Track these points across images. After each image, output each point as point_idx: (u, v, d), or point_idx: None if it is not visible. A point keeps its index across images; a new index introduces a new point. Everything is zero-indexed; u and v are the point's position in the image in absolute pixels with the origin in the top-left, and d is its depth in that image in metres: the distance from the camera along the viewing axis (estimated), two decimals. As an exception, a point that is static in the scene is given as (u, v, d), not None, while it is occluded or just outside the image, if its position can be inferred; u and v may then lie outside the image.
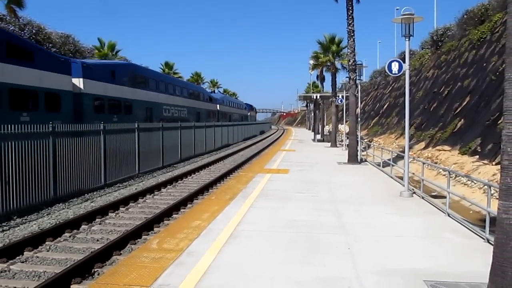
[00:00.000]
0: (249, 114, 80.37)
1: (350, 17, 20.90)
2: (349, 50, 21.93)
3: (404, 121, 12.68)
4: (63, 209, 12.44)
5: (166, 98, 31.11)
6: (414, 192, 11.90)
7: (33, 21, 32.77)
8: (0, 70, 13.96)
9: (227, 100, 61.75)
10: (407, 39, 11.78)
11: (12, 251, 8.24)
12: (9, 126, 11.07)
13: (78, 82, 19.13)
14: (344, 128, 36.19)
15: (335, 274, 5.80)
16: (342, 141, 34.10)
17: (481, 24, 29.97)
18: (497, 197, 4.83)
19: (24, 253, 8.42)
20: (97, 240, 9.38)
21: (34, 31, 32.11)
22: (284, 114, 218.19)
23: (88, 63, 21.12)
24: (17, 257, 8.18)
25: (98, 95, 20.81)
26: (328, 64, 35.81)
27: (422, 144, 26.73)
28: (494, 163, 16.59)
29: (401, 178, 13.62)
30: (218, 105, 50.62)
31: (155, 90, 29.05)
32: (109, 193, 15.09)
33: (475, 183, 15.90)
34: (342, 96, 33.49)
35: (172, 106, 32.55)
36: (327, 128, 51.73)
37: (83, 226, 10.47)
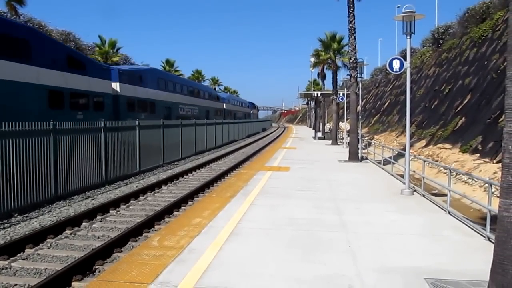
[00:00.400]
0: (251, 112, 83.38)
1: (351, 15, 20.88)
2: (350, 48, 21.92)
3: (405, 119, 12.67)
4: (64, 206, 12.45)
5: (181, 98, 35.25)
6: (415, 190, 11.90)
7: (34, 19, 32.81)
8: (64, 78, 17.46)
9: (233, 99, 67.36)
10: (408, 37, 11.76)
11: (13, 248, 8.25)
12: (10, 123, 11.08)
13: (116, 86, 22.86)
14: (345, 126, 36.19)
15: (336, 272, 5.80)
16: (343, 139, 34.09)
17: (482, 22, 29.90)
18: (498, 195, 4.83)
19: (25, 250, 8.43)
20: (98, 238, 9.39)
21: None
22: (285, 111, 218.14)
23: (123, 70, 24.97)
24: (18, 254, 8.19)
25: (131, 96, 24.76)
26: (329, 61, 35.85)
27: (423, 142, 26.70)
28: (495, 161, 16.58)
29: (402, 176, 13.63)
30: (224, 104, 54.90)
31: (173, 92, 33.30)
32: (110, 190, 15.10)
33: (476, 181, 15.89)
34: (343, 94, 33.48)
35: (187, 105, 36.73)
36: (328, 126, 51.69)
37: (84, 224, 10.48)
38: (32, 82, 15.34)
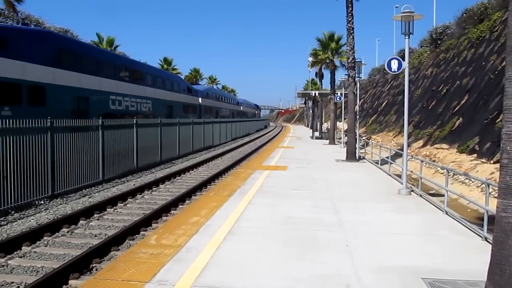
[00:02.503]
0: (256, 112, 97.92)
1: (350, 14, 20.88)
2: (348, 48, 21.91)
3: (403, 119, 12.69)
4: (61, 204, 12.42)
5: (224, 105, 54.16)
6: (412, 190, 11.91)
7: (32, 16, 32.67)
8: (187, 98, 36.33)
9: (246, 103, 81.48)
10: (406, 37, 11.77)
11: (10, 246, 8.23)
12: (7, 120, 11.03)
13: (200, 100, 40.85)
14: (342, 125, 36.20)
15: (333, 271, 5.81)
16: (340, 138, 34.12)
17: (480, 23, 29.96)
18: (495, 195, 4.83)
19: (22, 248, 8.40)
20: (95, 236, 9.37)
21: (32, 26, 31.94)
22: (283, 111, 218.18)
23: (201, 90, 43.24)
24: (15, 252, 8.18)
25: (206, 105, 43.29)
26: (327, 61, 35.80)
27: (420, 142, 26.76)
28: (492, 161, 16.62)
29: (399, 176, 13.65)
30: (241, 107, 71.39)
31: (219, 101, 53.13)
32: (107, 188, 15.08)
33: (473, 182, 15.93)
34: (341, 94, 33.51)
35: (225, 109, 56.83)
36: (325, 126, 51.66)
37: (81, 222, 10.46)
38: (180, 101, 33.95)
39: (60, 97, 17.00)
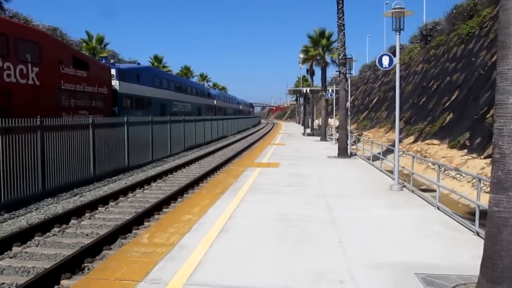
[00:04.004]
0: (251, 110, 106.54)
1: (341, 11, 20.87)
2: (339, 44, 21.91)
3: (394, 115, 12.72)
4: (52, 203, 12.31)
5: (225, 104, 62.67)
6: (404, 186, 11.97)
7: (20, 14, 32.34)
8: (207, 101, 49.48)
9: (243, 102, 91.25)
10: (397, 33, 11.78)
11: (0, 247, 8.13)
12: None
13: (214, 101, 53.48)
14: (333, 122, 36.28)
15: (327, 268, 5.81)
16: (331, 135, 34.18)
17: (470, 19, 30.15)
18: (486, 190, 4.86)
19: (13, 248, 8.32)
20: (87, 235, 9.30)
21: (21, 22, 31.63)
22: (274, 108, 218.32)
23: (215, 93, 57.76)
24: (6, 253, 8.09)
25: (220, 106, 57.82)
26: (318, 58, 35.84)
27: (411, 138, 26.90)
28: (482, 157, 16.74)
29: (391, 172, 13.69)
30: (240, 106, 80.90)
31: (224, 101, 59.34)
32: (98, 187, 14.98)
33: (464, 177, 16.04)
34: (332, 90, 33.57)
35: (227, 107, 65.38)
36: (316, 122, 51.74)
37: (72, 221, 10.37)
38: (204, 103, 46.17)
39: (155, 104, 29.77)
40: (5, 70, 13.70)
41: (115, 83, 23.49)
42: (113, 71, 23.28)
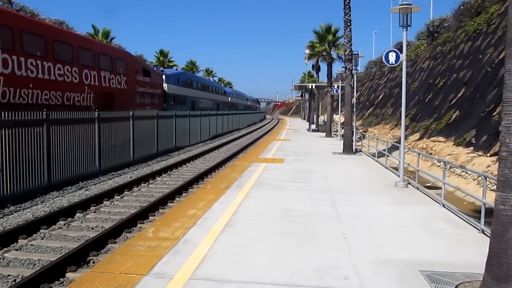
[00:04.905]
0: (257, 106, 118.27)
1: (347, 6, 20.78)
2: (345, 40, 21.82)
3: (399, 112, 12.67)
4: (57, 197, 12.38)
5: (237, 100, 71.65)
6: (409, 183, 11.93)
7: (27, 7, 32.38)
8: (223, 98, 58.88)
9: (251, 99, 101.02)
10: (404, 29, 11.72)
11: (6, 239, 8.19)
12: (3, 113, 10.97)
13: (229, 99, 61.72)
14: (339, 118, 36.20)
15: (331, 263, 5.81)
16: (337, 131, 34.13)
17: (477, 16, 29.90)
18: (492, 188, 4.84)
19: (19, 241, 8.37)
20: (92, 228, 9.35)
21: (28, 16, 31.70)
22: (279, 103, 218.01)
23: (230, 91, 66.66)
24: (12, 245, 8.14)
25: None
26: (324, 54, 35.77)
27: (417, 135, 26.79)
28: (488, 154, 16.66)
29: (396, 168, 13.66)
30: (249, 102, 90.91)
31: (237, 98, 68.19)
32: (104, 181, 15.03)
33: (469, 174, 15.97)
34: (338, 86, 33.47)
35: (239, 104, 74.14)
36: (322, 118, 51.68)
37: (77, 214, 10.43)
38: (221, 100, 54.81)
39: (188, 101, 38.79)
40: (111, 79, 21.12)
41: (164, 85, 31.54)
42: (163, 76, 31.96)
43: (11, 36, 13.88)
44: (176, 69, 44.48)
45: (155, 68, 33.07)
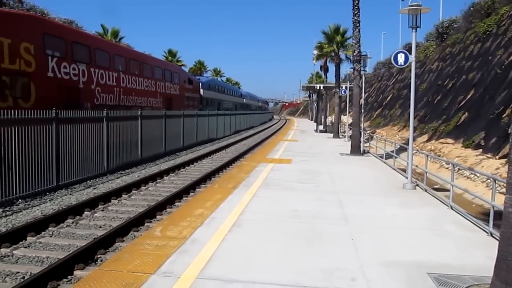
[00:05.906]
0: (266, 106, 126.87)
1: (356, 7, 20.72)
2: (354, 41, 21.76)
3: (407, 113, 12.62)
4: (66, 195, 12.46)
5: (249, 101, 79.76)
6: (417, 185, 11.88)
7: (37, 6, 32.61)
8: (239, 99, 69.21)
9: (262, 100, 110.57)
10: (414, 30, 11.67)
11: (15, 236, 8.27)
12: (11, 111, 11.05)
13: (244, 100, 74.11)
14: (347, 119, 36.12)
15: (338, 265, 5.80)
16: (344, 132, 34.03)
17: (487, 17, 29.69)
18: (501, 191, 4.80)
19: (27, 238, 8.44)
20: (100, 227, 9.40)
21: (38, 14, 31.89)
22: (287, 104, 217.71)
23: (245, 94, 75.64)
24: (20, 242, 8.21)
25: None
26: (332, 54, 35.69)
27: (425, 137, 26.64)
28: (497, 157, 16.53)
29: (404, 170, 13.61)
30: (260, 103, 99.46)
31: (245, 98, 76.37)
32: (111, 180, 15.11)
33: (478, 177, 15.87)
34: (346, 87, 33.37)
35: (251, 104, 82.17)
36: (329, 119, 51.52)
37: (85, 212, 10.49)
38: (238, 102, 66.54)
39: (215, 103, 47.77)
40: (171, 88, 30.12)
41: (201, 90, 40.24)
42: (199, 83, 40.42)
43: (124, 63, 22.43)
44: (207, 77, 56.60)
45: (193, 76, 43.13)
